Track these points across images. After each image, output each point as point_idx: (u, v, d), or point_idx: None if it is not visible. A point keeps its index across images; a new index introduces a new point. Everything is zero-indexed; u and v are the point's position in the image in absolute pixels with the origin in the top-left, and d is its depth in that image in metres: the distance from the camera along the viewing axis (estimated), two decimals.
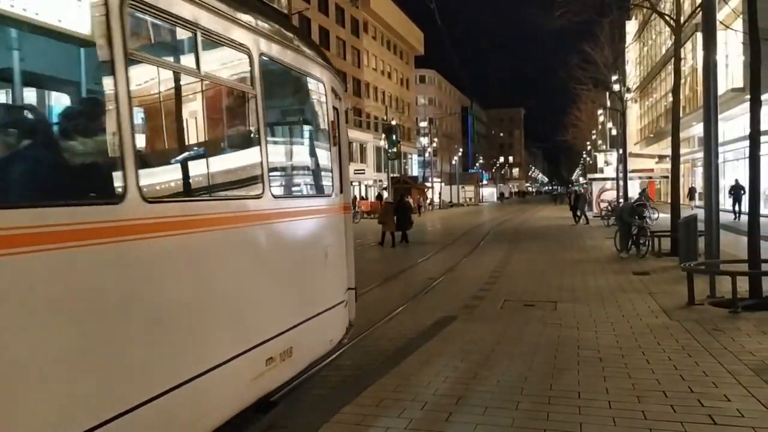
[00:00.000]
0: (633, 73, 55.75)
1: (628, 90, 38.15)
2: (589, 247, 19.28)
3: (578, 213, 32.37)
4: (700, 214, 12.00)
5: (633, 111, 58.80)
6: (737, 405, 4.94)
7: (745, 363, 6.08)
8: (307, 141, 6.11)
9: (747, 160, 10.20)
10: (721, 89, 19.99)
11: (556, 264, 14.97)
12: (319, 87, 6.05)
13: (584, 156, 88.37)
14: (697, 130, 34.82)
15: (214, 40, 4.12)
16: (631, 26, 52.87)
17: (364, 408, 5.19)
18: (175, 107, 4.05)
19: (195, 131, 4.37)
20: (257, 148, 4.64)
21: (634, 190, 35.42)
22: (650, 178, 49.41)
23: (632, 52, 55.33)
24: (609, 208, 31.67)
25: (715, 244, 10.84)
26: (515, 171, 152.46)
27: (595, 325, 8.14)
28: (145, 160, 3.55)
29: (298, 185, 5.99)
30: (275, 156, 5.15)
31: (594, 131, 67.34)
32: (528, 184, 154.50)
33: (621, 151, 33.66)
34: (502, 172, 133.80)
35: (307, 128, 6.16)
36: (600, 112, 56.39)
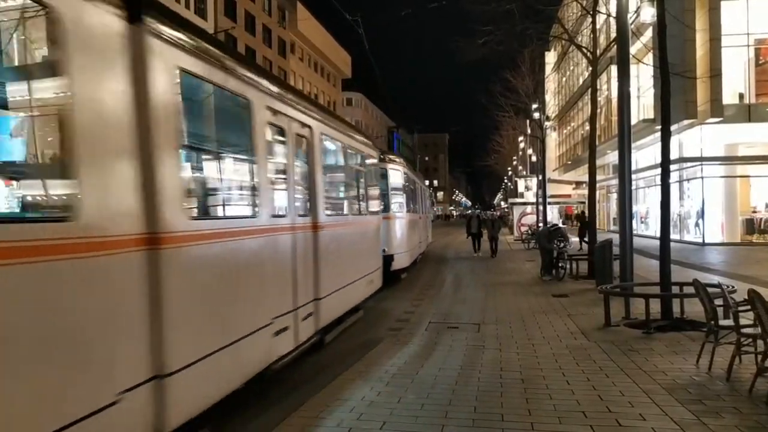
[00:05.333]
0: (552, 102, 57.88)
1: (548, 118, 39.50)
2: (510, 269, 19.70)
3: (479, 242, 26.86)
4: (615, 238, 12.46)
5: (552, 138, 60.98)
6: (652, 424, 5.10)
7: (658, 382, 6.30)
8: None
9: (657, 188, 10.68)
10: (634, 120, 21.01)
11: (479, 286, 15.20)
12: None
13: (506, 181, 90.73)
14: (612, 158, 36.47)
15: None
16: (551, 57, 54.98)
17: None
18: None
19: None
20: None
21: (553, 215, 36.61)
22: (568, 203, 51.27)
23: (551, 81, 57.47)
24: (529, 231, 32.51)
25: (629, 268, 11.29)
26: (440, 194, 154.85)
27: (517, 346, 8.27)
28: None
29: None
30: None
31: (515, 157, 69.34)
32: (452, 208, 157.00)
33: (540, 177, 34.74)
34: None
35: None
36: (521, 138, 58.19)
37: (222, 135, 5.95)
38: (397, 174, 17.16)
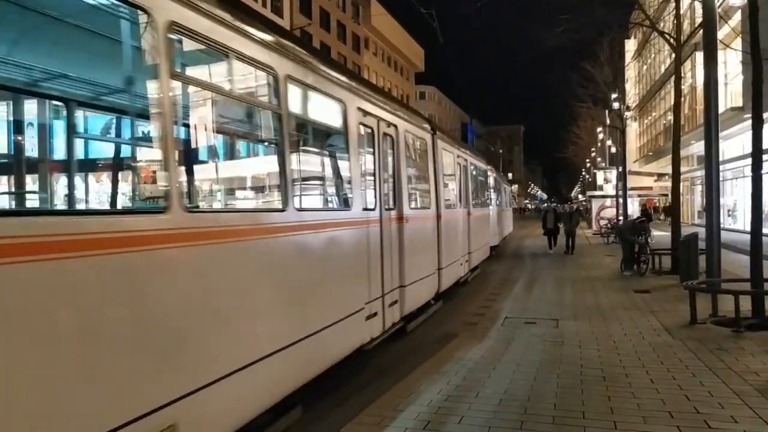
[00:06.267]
0: (632, 92, 55.97)
1: (628, 108, 38.24)
2: (588, 264, 19.24)
3: (555, 239, 25.22)
4: (701, 232, 11.96)
5: (632, 129, 59.00)
6: (745, 427, 4.88)
7: (750, 383, 6.02)
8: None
9: (745, 179, 10.17)
10: (720, 108, 20.04)
11: (557, 281, 14.92)
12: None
13: (584, 173, 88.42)
14: (696, 148, 34.92)
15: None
16: (631, 45, 53.14)
17: (365, 427, 5.12)
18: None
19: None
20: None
21: (633, 208, 35.41)
22: (649, 196, 49.49)
23: (632, 70, 55.59)
24: (609, 225, 31.61)
25: (716, 263, 10.80)
26: (514, 187, 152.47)
27: (598, 343, 8.08)
28: None
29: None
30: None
31: (593, 149, 67.48)
32: (527, 201, 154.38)
33: (620, 169, 33.67)
34: None
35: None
36: (599, 129, 56.52)
37: (447, 171, 12.63)
38: (491, 178, 23.84)
